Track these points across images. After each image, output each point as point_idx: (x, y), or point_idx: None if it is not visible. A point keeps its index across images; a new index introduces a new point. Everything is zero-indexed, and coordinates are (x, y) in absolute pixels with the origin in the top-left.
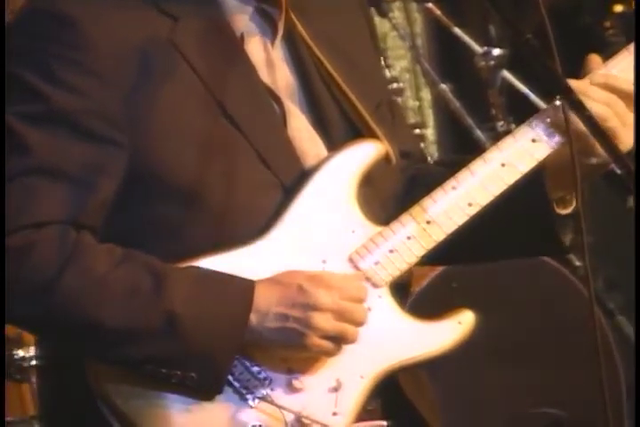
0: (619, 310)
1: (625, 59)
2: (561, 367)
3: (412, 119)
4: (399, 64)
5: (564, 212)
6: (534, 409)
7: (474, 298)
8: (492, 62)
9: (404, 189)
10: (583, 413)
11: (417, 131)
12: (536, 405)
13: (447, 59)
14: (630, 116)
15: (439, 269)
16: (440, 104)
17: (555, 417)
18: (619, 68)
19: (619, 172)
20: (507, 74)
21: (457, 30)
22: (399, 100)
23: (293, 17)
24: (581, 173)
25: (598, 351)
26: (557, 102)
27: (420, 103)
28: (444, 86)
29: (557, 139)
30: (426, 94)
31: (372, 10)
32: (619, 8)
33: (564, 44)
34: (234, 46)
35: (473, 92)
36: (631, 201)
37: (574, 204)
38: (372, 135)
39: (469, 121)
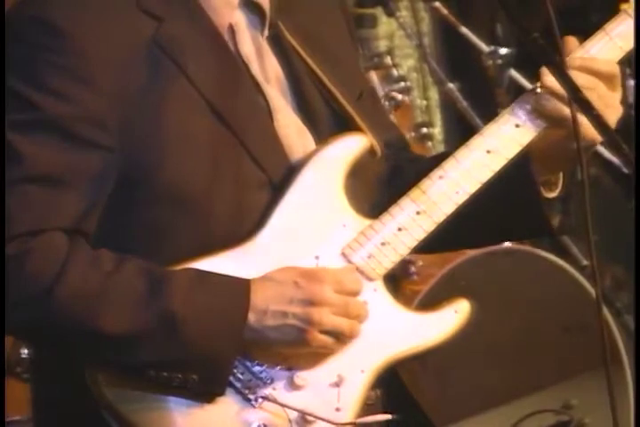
0: (625, 308)
1: (602, 39)
2: (567, 367)
3: (419, 118)
4: (406, 63)
5: (550, 195)
6: (538, 408)
7: (482, 297)
8: (500, 61)
9: (388, 178)
10: (589, 413)
11: (424, 130)
12: (540, 404)
13: (454, 58)
14: (611, 97)
15: (447, 268)
16: (447, 103)
17: (559, 417)
18: (596, 48)
19: (625, 171)
20: (514, 73)
21: (464, 29)
22: (407, 98)
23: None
24: (567, 157)
25: (605, 351)
26: (538, 90)
27: (427, 102)
28: (451, 85)
29: (540, 123)
30: (433, 93)
31: (380, 9)
32: (626, 6)
33: None
34: (221, 43)
35: (480, 91)
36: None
37: (560, 186)
38: (357, 128)
39: (477, 120)
